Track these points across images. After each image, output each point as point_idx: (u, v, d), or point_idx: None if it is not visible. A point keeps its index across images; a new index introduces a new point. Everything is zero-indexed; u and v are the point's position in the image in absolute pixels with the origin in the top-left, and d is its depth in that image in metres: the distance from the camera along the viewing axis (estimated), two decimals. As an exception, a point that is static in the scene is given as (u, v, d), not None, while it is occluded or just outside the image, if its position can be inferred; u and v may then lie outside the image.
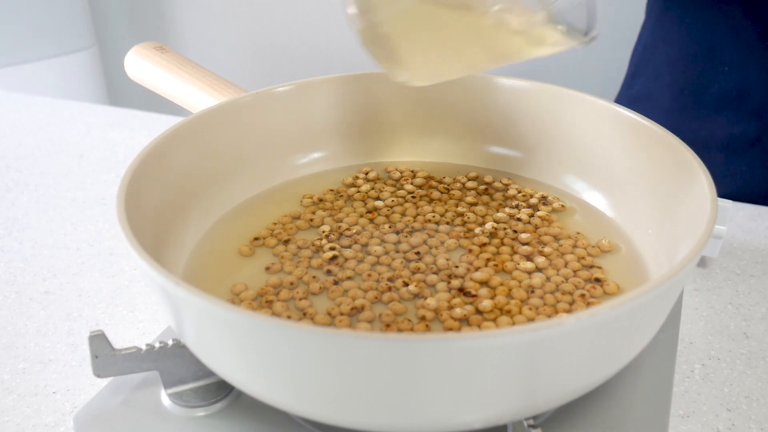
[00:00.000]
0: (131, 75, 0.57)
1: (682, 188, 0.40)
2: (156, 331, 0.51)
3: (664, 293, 0.31)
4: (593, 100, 0.47)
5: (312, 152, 0.52)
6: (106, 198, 0.70)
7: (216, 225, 0.46)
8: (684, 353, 0.49)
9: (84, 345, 0.50)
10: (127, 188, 0.37)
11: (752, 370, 0.47)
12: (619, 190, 0.47)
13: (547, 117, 0.50)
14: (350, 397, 0.29)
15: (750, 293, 0.55)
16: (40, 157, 0.78)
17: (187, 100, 0.53)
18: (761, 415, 0.44)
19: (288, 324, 0.28)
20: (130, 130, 0.85)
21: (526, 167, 0.51)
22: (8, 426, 0.43)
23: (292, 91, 0.50)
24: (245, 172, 0.49)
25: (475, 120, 0.52)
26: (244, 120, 0.48)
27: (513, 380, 0.29)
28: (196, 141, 0.45)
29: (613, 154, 0.47)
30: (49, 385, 0.47)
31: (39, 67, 1.69)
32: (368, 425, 0.31)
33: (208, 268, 0.42)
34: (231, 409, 0.37)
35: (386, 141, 0.53)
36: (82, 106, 0.92)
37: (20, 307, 0.54)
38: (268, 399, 0.32)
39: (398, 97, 0.52)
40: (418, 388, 0.28)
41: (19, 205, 0.69)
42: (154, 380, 0.38)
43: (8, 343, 0.50)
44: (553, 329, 0.28)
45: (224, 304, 0.28)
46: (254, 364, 0.31)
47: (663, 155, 0.43)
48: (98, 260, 0.60)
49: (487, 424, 0.30)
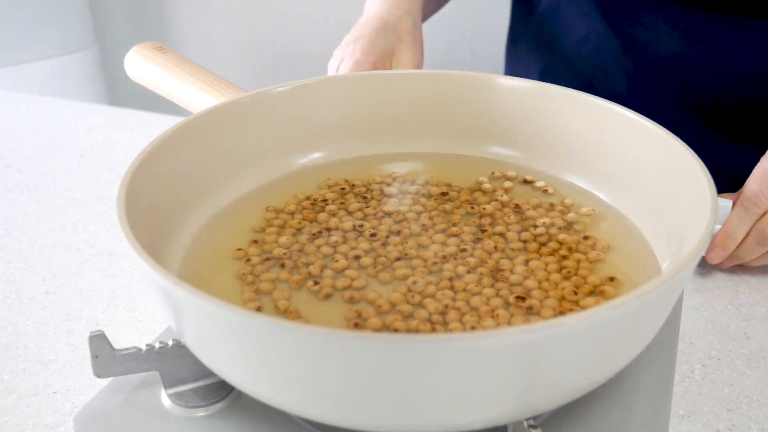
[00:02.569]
0: (131, 75, 0.57)
1: (681, 188, 0.40)
2: (156, 331, 0.51)
3: (663, 293, 0.31)
4: (593, 100, 0.47)
5: (312, 152, 0.52)
6: (106, 198, 0.70)
7: (216, 225, 0.46)
8: (684, 353, 0.49)
9: (84, 345, 0.50)
10: (127, 188, 0.37)
11: (752, 370, 0.47)
12: (618, 189, 0.47)
13: (547, 117, 0.50)
14: (350, 398, 0.29)
15: (750, 293, 0.55)
16: (40, 157, 0.78)
17: (187, 100, 0.53)
18: (761, 415, 0.44)
19: (288, 324, 0.28)
20: (130, 130, 0.85)
21: (526, 167, 0.51)
22: (8, 426, 0.43)
23: (292, 91, 0.50)
24: (245, 172, 0.49)
25: (475, 120, 0.52)
26: (244, 120, 0.48)
27: (513, 381, 0.29)
28: (196, 141, 0.45)
29: (612, 154, 0.47)
30: (49, 385, 0.47)
31: (39, 67, 1.69)
32: (369, 426, 0.31)
33: (209, 268, 0.42)
34: (231, 410, 0.37)
35: (386, 141, 0.53)
36: (82, 106, 0.92)
37: (20, 307, 0.54)
38: (267, 399, 0.32)
39: (398, 98, 0.52)
40: (418, 388, 0.28)
41: (19, 205, 0.69)
42: (154, 380, 0.38)
43: (8, 343, 0.50)
44: (553, 329, 0.28)
45: (224, 304, 0.28)
46: (254, 364, 0.31)
47: (663, 155, 0.43)
48: (98, 260, 0.60)
49: (487, 424, 0.30)
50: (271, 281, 0.40)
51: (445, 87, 0.52)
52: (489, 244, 0.43)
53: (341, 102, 0.52)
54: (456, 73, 0.52)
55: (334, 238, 0.44)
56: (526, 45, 0.82)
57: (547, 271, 0.41)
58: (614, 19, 0.72)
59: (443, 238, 0.44)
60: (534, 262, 0.41)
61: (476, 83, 0.51)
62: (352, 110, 0.52)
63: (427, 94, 0.52)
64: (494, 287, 0.39)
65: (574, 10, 0.75)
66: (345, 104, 0.52)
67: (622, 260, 0.42)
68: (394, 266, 0.41)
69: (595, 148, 0.48)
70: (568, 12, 0.76)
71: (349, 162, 0.52)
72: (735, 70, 0.68)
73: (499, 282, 0.40)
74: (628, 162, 0.46)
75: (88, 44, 1.80)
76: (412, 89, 0.52)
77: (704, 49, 0.68)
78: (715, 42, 0.68)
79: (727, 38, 0.67)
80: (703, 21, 0.68)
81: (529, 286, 0.39)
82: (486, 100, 0.51)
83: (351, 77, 0.52)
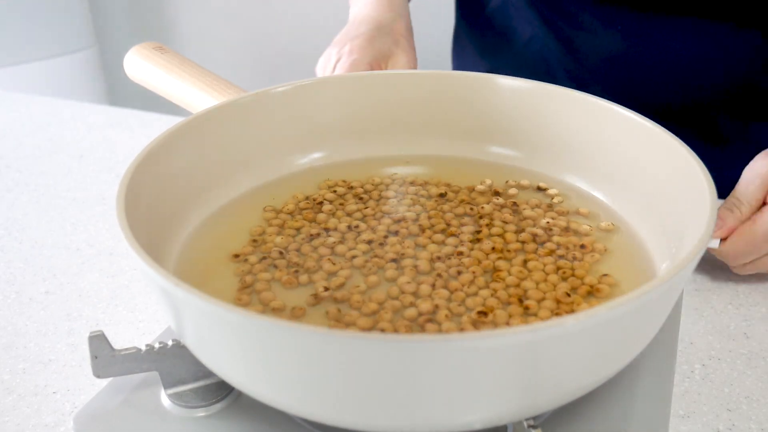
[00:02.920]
0: (131, 75, 0.57)
1: (681, 188, 0.40)
2: (156, 331, 0.51)
3: (663, 294, 0.31)
4: (593, 100, 0.47)
5: (312, 152, 0.52)
6: (106, 198, 0.70)
7: (215, 225, 0.46)
8: (684, 353, 0.49)
9: (84, 345, 0.50)
10: (127, 188, 0.37)
11: (752, 370, 0.47)
12: (618, 189, 0.47)
13: (547, 117, 0.50)
14: (350, 398, 0.29)
15: (750, 293, 0.55)
16: (40, 157, 0.78)
17: (187, 100, 0.53)
18: (761, 415, 0.44)
19: (288, 324, 0.28)
20: (130, 130, 0.85)
21: (526, 167, 0.51)
22: (8, 426, 0.43)
23: (292, 91, 0.50)
24: (245, 172, 0.49)
25: (475, 120, 0.52)
26: (243, 120, 0.48)
27: (513, 381, 0.29)
28: (195, 141, 0.45)
29: (612, 154, 0.47)
30: (49, 385, 0.47)
31: (39, 67, 1.69)
32: (368, 426, 0.31)
33: (209, 268, 0.42)
34: (231, 410, 0.37)
35: (386, 141, 0.53)
36: (82, 106, 0.92)
37: (20, 307, 0.54)
38: (267, 399, 0.32)
39: (398, 98, 0.52)
40: (418, 388, 0.28)
41: (19, 205, 0.69)
42: (154, 380, 0.38)
43: (8, 343, 0.50)
44: (553, 330, 0.28)
45: (224, 304, 0.28)
46: (254, 364, 0.31)
47: (662, 155, 0.42)
48: (98, 260, 0.60)
49: (487, 424, 0.30)
50: (266, 281, 0.40)
51: (445, 87, 0.52)
52: (487, 245, 0.43)
53: (341, 102, 0.52)
54: (456, 73, 0.52)
55: (332, 239, 0.43)
56: (472, 46, 0.83)
57: (545, 272, 0.41)
58: (554, 23, 0.73)
59: (442, 238, 0.44)
60: (532, 263, 0.41)
61: (476, 83, 0.51)
62: (352, 110, 0.52)
63: (427, 94, 0.52)
64: (490, 287, 0.39)
65: (517, 14, 0.76)
66: (345, 104, 0.52)
67: (621, 260, 0.42)
68: (387, 267, 0.41)
69: (595, 148, 0.48)
70: (514, 15, 0.77)
71: (349, 162, 0.52)
72: (675, 69, 0.69)
73: (495, 282, 0.40)
74: (627, 162, 0.46)
75: (88, 44, 1.80)
76: (412, 89, 0.52)
77: (643, 49, 0.70)
78: (652, 41, 0.69)
79: (664, 37, 0.69)
80: (639, 21, 0.69)
81: (527, 287, 0.39)
82: (486, 100, 0.51)
83: (351, 77, 0.52)
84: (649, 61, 0.69)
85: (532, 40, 0.75)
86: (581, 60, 0.73)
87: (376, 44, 0.63)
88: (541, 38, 0.75)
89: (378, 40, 0.63)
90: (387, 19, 0.67)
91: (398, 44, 0.65)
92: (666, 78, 0.70)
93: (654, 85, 0.70)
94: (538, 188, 0.49)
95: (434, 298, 0.38)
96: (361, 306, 0.38)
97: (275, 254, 0.42)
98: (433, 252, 0.42)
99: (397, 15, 0.68)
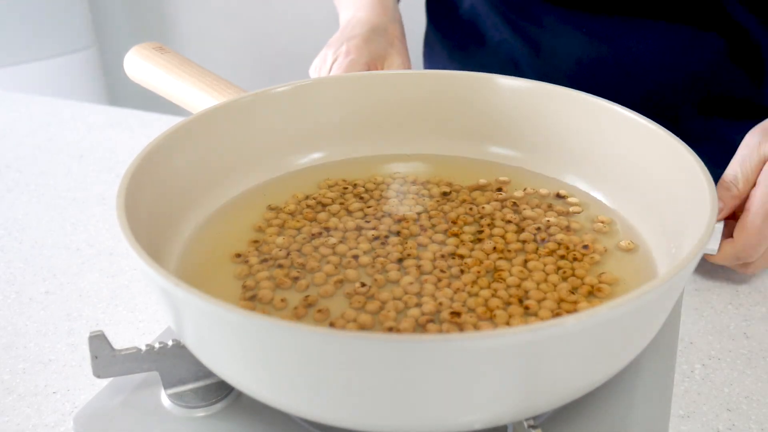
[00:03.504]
0: (131, 75, 0.57)
1: (681, 188, 0.40)
2: (156, 331, 0.51)
3: (663, 294, 0.31)
4: (593, 100, 0.47)
5: (312, 152, 0.52)
6: (106, 198, 0.70)
7: (216, 225, 0.46)
8: (684, 353, 0.49)
9: (84, 345, 0.50)
10: (127, 188, 0.37)
11: (752, 370, 0.47)
12: (618, 189, 0.47)
13: (547, 117, 0.50)
14: (350, 398, 0.29)
15: (750, 293, 0.55)
16: (40, 157, 0.78)
17: (187, 100, 0.53)
18: (761, 415, 0.44)
19: (288, 324, 0.28)
20: (130, 130, 0.85)
21: (526, 167, 0.51)
22: (8, 426, 0.43)
23: (292, 91, 0.50)
24: (245, 172, 0.49)
25: (475, 120, 0.52)
26: (243, 120, 0.48)
27: (513, 381, 0.29)
28: (195, 141, 0.45)
29: (612, 154, 0.47)
30: (49, 385, 0.47)
31: (39, 67, 1.69)
32: (368, 426, 0.31)
33: (209, 268, 0.42)
34: (231, 410, 0.37)
35: (386, 141, 0.53)
36: (82, 106, 0.92)
37: (20, 307, 0.54)
38: (267, 399, 0.32)
39: (398, 98, 0.52)
40: (418, 388, 0.28)
41: (19, 205, 0.69)
42: (154, 380, 0.38)
43: (8, 343, 0.50)
44: (553, 330, 0.28)
45: (224, 304, 0.28)
46: (254, 364, 0.31)
47: (663, 155, 0.42)
48: (98, 260, 0.60)
49: (487, 424, 0.30)
50: (267, 279, 0.40)
51: (445, 87, 0.52)
52: (488, 245, 0.43)
53: (341, 102, 0.52)
54: (456, 73, 0.52)
55: (333, 240, 0.43)
56: (440, 47, 0.83)
57: (545, 272, 0.41)
58: (521, 27, 0.74)
59: (442, 238, 0.44)
60: (532, 263, 0.41)
61: (476, 83, 0.51)
62: (352, 110, 0.52)
63: (427, 94, 0.52)
64: (491, 287, 0.39)
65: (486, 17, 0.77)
66: (345, 104, 0.52)
67: (621, 260, 0.42)
68: (388, 268, 0.41)
69: (595, 148, 0.48)
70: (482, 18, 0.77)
71: (349, 162, 0.52)
72: (640, 70, 0.70)
73: (496, 282, 0.40)
74: (628, 162, 0.46)
75: (88, 44, 1.80)
76: (412, 89, 0.52)
77: (609, 51, 0.70)
78: (617, 43, 0.70)
79: (628, 39, 0.69)
80: (603, 23, 0.69)
81: (528, 287, 0.39)
82: (486, 100, 0.51)
83: (350, 77, 0.52)
84: (615, 62, 0.70)
85: (501, 43, 0.76)
86: (551, 62, 0.73)
87: (372, 45, 0.63)
88: (509, 41, 0.75)
89: (374, 42, 0.63)
90: (381, 22, 0.67)
91: (393, 46, 0.65)
92: (632, 79, 0.71)
93: (621, 86, 0.71)
94: (558, 195, 0.48)
95: (437, 298, 0.38)
96: (363, 306, 0.38)
97: (276, 254, 0.42)
98: (435, 252, 0.42)
99: (391, 18, 0.69)
